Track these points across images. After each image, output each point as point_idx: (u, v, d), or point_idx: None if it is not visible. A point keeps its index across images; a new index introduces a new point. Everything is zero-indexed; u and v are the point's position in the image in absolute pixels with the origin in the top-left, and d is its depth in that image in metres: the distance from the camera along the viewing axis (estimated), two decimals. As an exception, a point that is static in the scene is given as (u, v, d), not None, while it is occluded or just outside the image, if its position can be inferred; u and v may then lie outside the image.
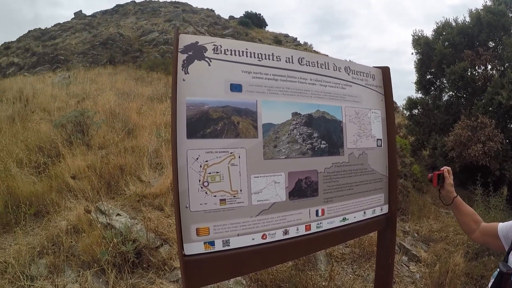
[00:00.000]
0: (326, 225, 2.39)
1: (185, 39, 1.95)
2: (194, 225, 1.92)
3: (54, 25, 30.53)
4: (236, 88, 2.05)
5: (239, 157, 2.03)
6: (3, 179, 4.94)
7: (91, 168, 5.71)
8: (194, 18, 32.18)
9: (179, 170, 1.87)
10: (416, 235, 6.80)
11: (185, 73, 1.91)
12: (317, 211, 2.34)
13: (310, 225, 2.31)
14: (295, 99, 2.27)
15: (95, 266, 3.61)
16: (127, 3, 36.99)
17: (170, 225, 4.63)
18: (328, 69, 2.48)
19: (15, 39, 28.97)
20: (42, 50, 22.82)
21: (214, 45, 2.01)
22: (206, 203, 1.94)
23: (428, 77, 14.32)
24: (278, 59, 2.24)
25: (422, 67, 14.09)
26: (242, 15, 39.88)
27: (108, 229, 4.17)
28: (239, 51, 2.09)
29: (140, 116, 8.70)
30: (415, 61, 14.31)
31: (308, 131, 2.32)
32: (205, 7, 39.88)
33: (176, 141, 1.85)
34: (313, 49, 36.04)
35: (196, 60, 1.95)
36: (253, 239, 2.08)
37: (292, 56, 2.30)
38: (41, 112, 8.22)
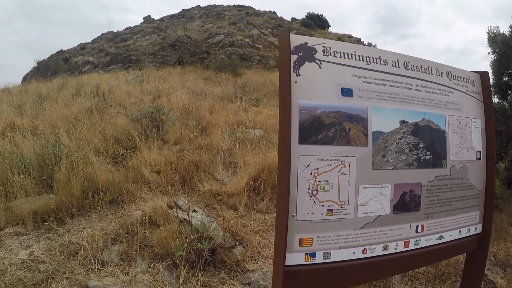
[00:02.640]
0: (423, 242, 2.27)
1: (295, 40, 1.88)
2: (298, 235, 1.85)
3: (125, 28, 32.37)
4: (347, 92, 1.96)
5: (349, 166, 1.95)
6: (82, 166, 5.10)
7: (167, 162, 5.72)
8: (257, 21, 32.53)
9: (286, 176, 1.78)
10: (492, 258, 6.13)
11: (297, 75, 1.84)
12: (417, 227, 2.23)
13: (409, 241, 2.20)
14: (403, 106, 2.17)
15: (168, 259, 3.61)
16: (192, 8, 38.34)
17: (245, 226, 4.53)
18: (432, 74, 2.35)
19: (89, 41, 31.06)
20: (115, 50, 24.18)
21: (323, 46, 1.94)
22: (313, 213, 1.87)
23: (505, 79, 12.99)
24: (385, 63, 2.14)
25: (499, 68, 12.77)
26: (304, 17, 39.69)
27: (183, 225, 4.10)
28: (348, 53, 2.01)
29: (212, 114, 8.73)
30: (491, 62, 13.00)
31: (415, 141, 2.20)
32: (267, 10, 40.19)
33: (286, 146, 1.78)
34: (380, 51, 34.89)
35: (307, 62, 1.88)
36: (353, 253, 1.99)
37: (398, 60, 2.19)
38: (117, 106, 8.49)
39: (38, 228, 4.39)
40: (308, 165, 1.83)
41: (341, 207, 1.92)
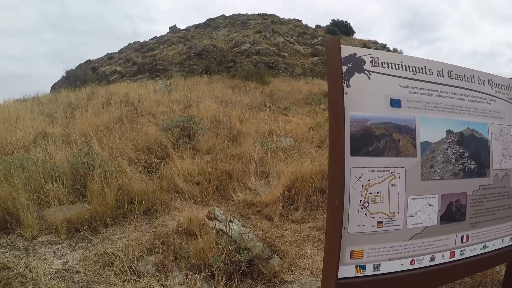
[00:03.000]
0: (468, 252, 2.29)
1: (344, 50, 1.89)
2: (350, 248, 1.87)
3: (151, 38, 32.86)
4: (396, 103, 1.99)
5: (399, 177, 1.97)
6: (116, 176, 5.08)
7: (200, 172, 5.65)
8: (282, 29, 32.54)
9: (337, 189, 1.82)
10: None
11: (347, 86, 1.86)
12: (462, 237, 2.25)
13: (454, 251, 2.23)
14: (448, 116, 2.19)
15: (206, 270, 3.53)
16: (217, 17, 38.69)
17: (281, 236, 4.45)
18: (474, 82, 2.36)
19: (116, 51, 31.66)
20: (142, 60, 24.56)
21: (371, 57, 1.96)
22: (364, 225, 1.89)
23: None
24: (430, 73, 2.16)
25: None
26: (329, 23, 39.46)
27: (220, 235, 4.01)
28: (394, 64, 2.04)
29: (242, 123, 8.66)
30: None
31: (460, 151, 2.23)
32: (292, 18, 40.15)
33: (338, 158, 1.81)
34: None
35: (356, 73, 1.90)
36: (402, 264, 2.02)
37: (442, 69, 2.21)
38: (147, 116, 8.51)
39: (71, 237, 4.37)
40: (359, 177, 1.84)
41: (391, 218, 1.94)
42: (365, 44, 33.18)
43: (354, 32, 40.26)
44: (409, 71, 2.06)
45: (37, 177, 5.15)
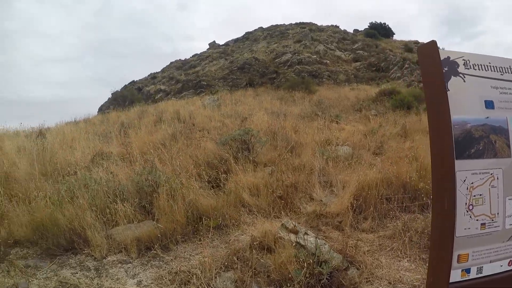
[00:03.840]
0: None
1: (440, 54, 1.93)
2: (457, 252, 1.90)
3: (192, 55, 33.66)
4: (489, 105, 2.02)
5: (497, 178, 2.00)
6: (182, 192, 5.11)
7: (264, 184, 5.58)
8: (322, 36, 32.37)
9: (446, 193, 1.86)
10: None
11: (447, 90, 1.90)
12: None
13: None
14: None
15: (287, 284, 3.45)
16: (255, 30, 39.05)
17: (355, 247, 4.25)
18: None
19: (159, 70, 32.56)
20: (185, 77, 25.13)
21: (463, 59, 1.99)
22: (469, 228, 1.92)
23: None
24: None
25: None
26: (367, 27, 38.70)
27: (297, 248, 3.89)
28: (484, 65, 2.06)
29: (297, 134, 8.54)
30: None
31: None
32: (329, 24, 39.88)
33: (442, 162, 1.86)
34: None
35: (452, 76, 1.94)
36: (501, 265, 2.04)
37: None
38: (201, 131, 8.57)
39: (142, 256, 4.36)
40: (464, 180, 1.88)
41: (492, 220, 1.98)
42: (406, 45, 32.44)
43: (394, 34, 39.37)
44: (497, 71, 2.08)
45: (102, 196, 5.23)
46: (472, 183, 1.89)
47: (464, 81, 1.96)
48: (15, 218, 5.04)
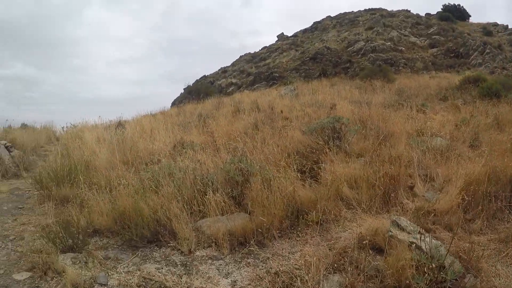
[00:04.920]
0: None
1: None
2: None
3: (261, 48, 33.41)
4: None
5: None
6: (277, 183, 4.73)
7: (363, 176, 5.08)
8: (394, 22, 30.47)
9: None
10: None
11: None
12: None
13: None
14: None
15: None
16: (323, 19, 37.79)
17: (470, 251, 3.65)
18: None
19: (229, 64, 32.68)
20: (256, 70, 24.94)
21: None
22: None
23: None
24: None
25: None
26: (441, 9, 35.84)
27: (411, 250, 3.42)
28: None
29: (385, 123, 7.88)
30: None
31: None
32: (400, 9, 37.55)
33: None
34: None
35: None
36: None
37: None
38: (282, 120, 8.21)
39: (234, 252, 4.07)
40: None
41: None
42: (485, 28, 29.77)
43: (470, 16, 36.17)
44: None
45: (189, 185, 5.03)
46: None
47: None
48: (95, 207, 5.00)
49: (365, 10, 37.73)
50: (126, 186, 5.16)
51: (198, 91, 20.61)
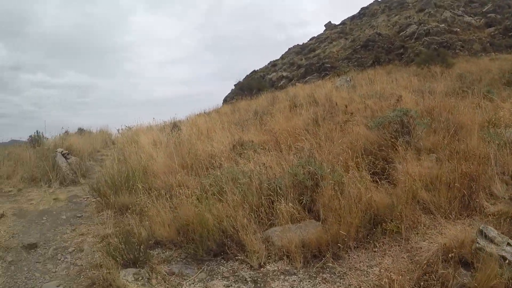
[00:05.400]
0: None
1: None
2: None
3: (310, 39, 32.55)
4: None
5: None
6: (349, 186, 4.32)
7: (438, 176, 4.60)
8: (445, 1, 28.30)
9: None
10: None
11: None
12: None
13: None
14: None
15: None
16: (371, 4, 35.93)
17: None
18: None
19: (278, 57, 32.17)
20: (306, 61, 24.32)
21: None
22: None
23: None
24: None
25: None
26: None
27: (502, 265, 3.06)
28: None
29: (453, 114, 7.21)
30: None
31: None
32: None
33: None
34: None
35: None
36: None
37: None
38: (343, 114, 7.76)
39: (308, 265, 3.73)
40: None
41: None
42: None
43: None
44: None
45: (255, 191, 4.69)
46: None
47: None
48: (155, 216, 4.82)
49: (413, -9, 35.72)
50: (190, 194, 4.96)
51: (250, 86, 20.34)
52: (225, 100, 27.34)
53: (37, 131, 11.78)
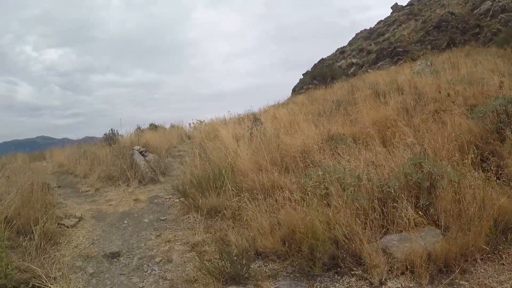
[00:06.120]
0: None
1: None
2: None
3: (377, 23, 31.01)
4: None
5: None
6: (485, 194, 3.61)
7: None
8: (522, -26, 25.46)
9: None
10: None
11: None
12: None
13: None
14: None
15: None
16: (438, -18, 33.40)
17: None
18: None
19: (346, 44, 31.14)
20: (376, 47, 23.27)
21: None
22: None
23: None
24: None
25: None
26: None
27: None
28: None
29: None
30: None
31: None
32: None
33: None
34: None
35: None
36: None
37: None
38: (434, 103, 7.30)
39: (433, 282, 3.16)
40: None
41: None
42: None
43: None
44: None
45: (365, 194, 4.04)
46: None
47: None
48: (252, 221, 4.30)
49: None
50: (288, 197, 4.38)
51: (323, 75, 19.72)
52: (294, 90, 26.93)
53: (111, 129, 11.73)
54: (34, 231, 4.42)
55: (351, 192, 4.07)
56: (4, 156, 10.85)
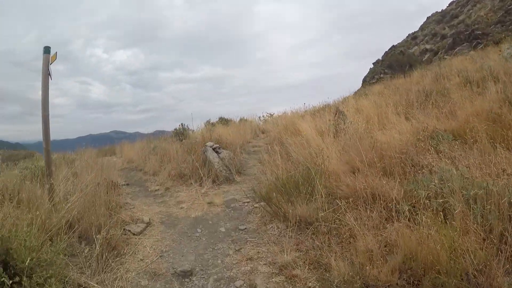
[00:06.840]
0: None
1: None
2: None
3: (449, 4, 28.93)
4: None
5: None
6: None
7: None
8: None
9: None
10: None
11: None
12: None
13: None
14: None
15: None
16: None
17: None
18: None
19: (417, 29, 29.60)
20: (450, 30, 21.88)
21: None
22: None
23: None
24: None
25: None
26: None
27: None
28: None
29: None
30: None
31: None
32: None
33: None
34: None
35: None
36: None
37: None
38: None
39: None
40: None
41: None
42: None
43: None
44: None
45: (496, 211, 3.09)
46: None
47: None
48: (350, 238, 3.50)
49: None
50: (394, 209, 3.48)
51: (400, 63, 18.64)
52: (364, 81, 26.01)
53: (182, 124, 11.02)
54: (96, 239, 3.97)
55: (478, 209, 3.13)
56: (76, 151, 10.63)
